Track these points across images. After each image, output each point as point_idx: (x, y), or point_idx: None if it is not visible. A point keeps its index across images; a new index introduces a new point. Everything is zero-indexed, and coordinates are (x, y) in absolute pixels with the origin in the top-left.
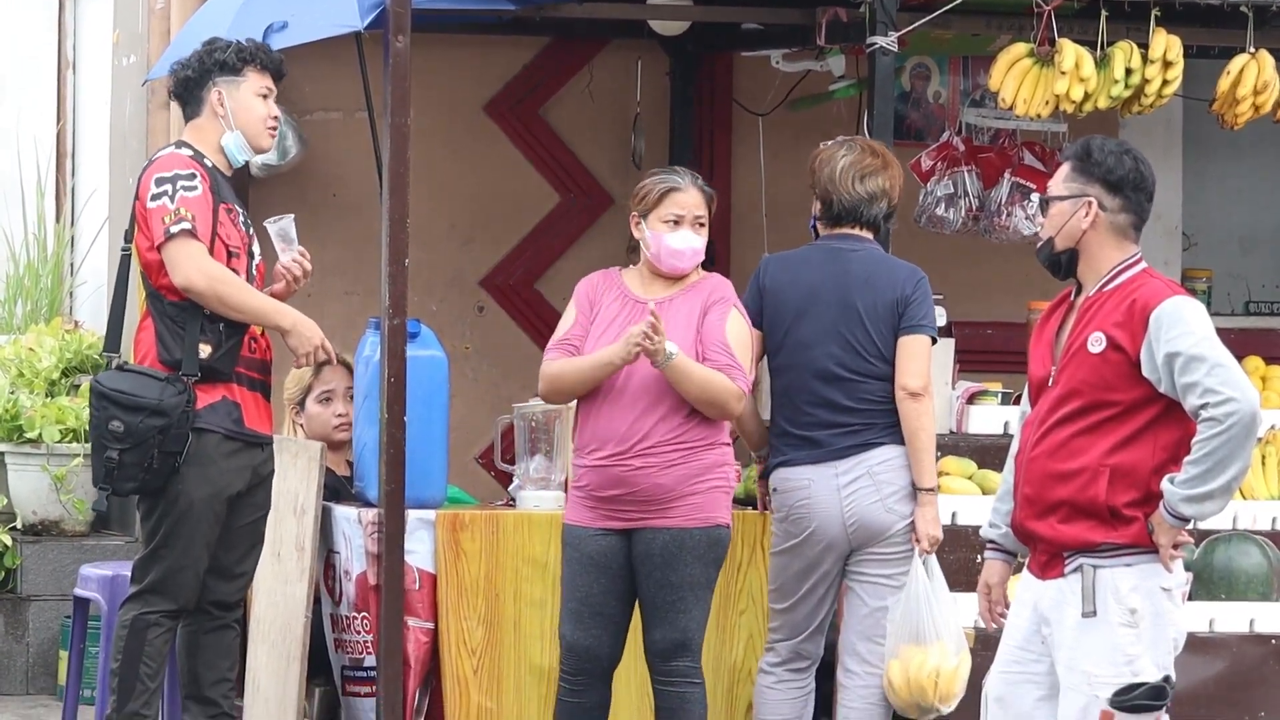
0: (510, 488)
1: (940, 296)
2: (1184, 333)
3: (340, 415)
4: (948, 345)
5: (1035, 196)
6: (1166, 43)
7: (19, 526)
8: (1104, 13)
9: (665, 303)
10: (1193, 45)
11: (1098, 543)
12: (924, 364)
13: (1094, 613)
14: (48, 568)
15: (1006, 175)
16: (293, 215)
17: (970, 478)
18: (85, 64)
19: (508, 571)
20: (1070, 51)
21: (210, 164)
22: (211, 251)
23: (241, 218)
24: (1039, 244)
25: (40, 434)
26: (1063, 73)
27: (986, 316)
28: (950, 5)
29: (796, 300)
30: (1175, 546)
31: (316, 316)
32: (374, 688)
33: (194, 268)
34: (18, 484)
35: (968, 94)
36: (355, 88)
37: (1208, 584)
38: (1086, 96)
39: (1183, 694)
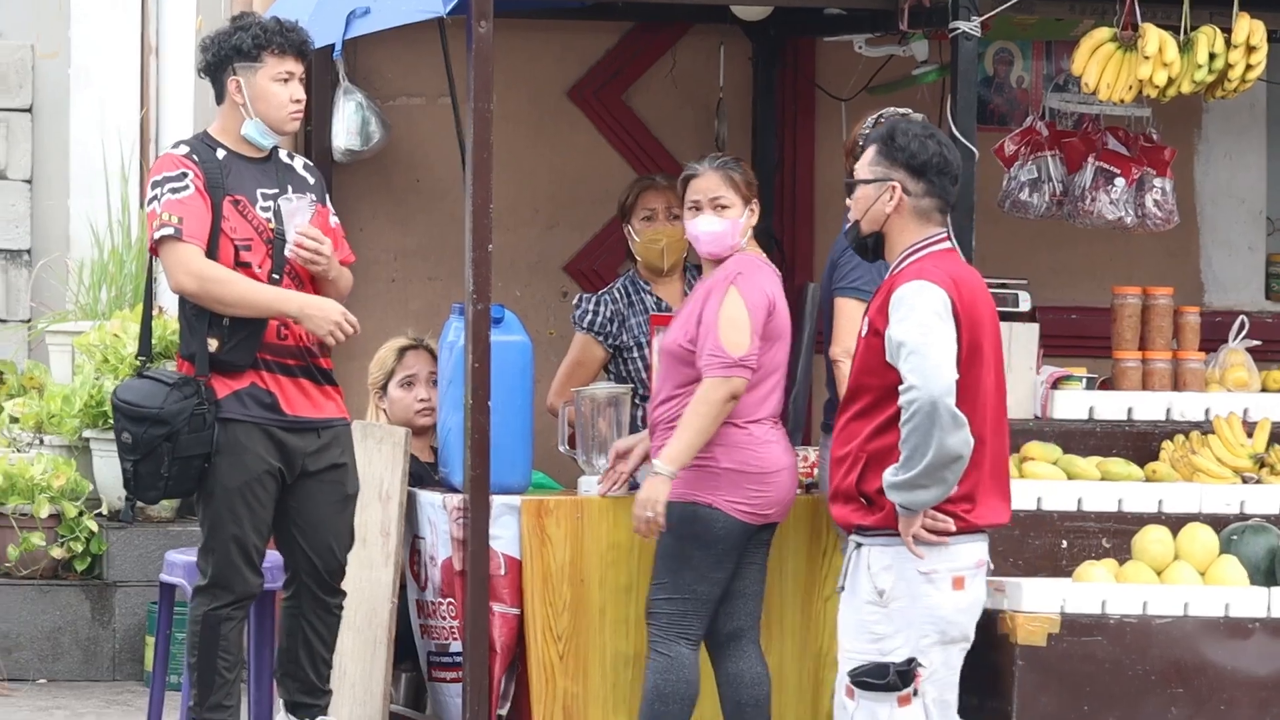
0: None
1: (1024, 281)
2: (902, 317)
3: (422, 400)
4: (1032, 330)
5: (1119, 181)
6: (1250, 27)
7: (105, 513)
8: None
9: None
10: (1277, 29)
11: (858, 524)
12: (843, 328)
13: (845, 589)
14: (133, 554)
15: (1090, 160)
16: (302, 196)
17: (1055, 462)
18: (168, 50)
19: (593, 557)
20: (1153, 36)
21: (223, 154)
22: (216, 247)
23: (259, 205)
24: (845, 226)
25: None
26: (1146, 57)
27: (1070, 301)
28: None
29: None
30: (942, 534)
31: (400, 302)
32: (460, 673)
33: (183, 271)
34: (103, 470)
35: (1051, 78)
36: (438, 73)
37: None
38: (1170, 81)
39: (1265, 679)
